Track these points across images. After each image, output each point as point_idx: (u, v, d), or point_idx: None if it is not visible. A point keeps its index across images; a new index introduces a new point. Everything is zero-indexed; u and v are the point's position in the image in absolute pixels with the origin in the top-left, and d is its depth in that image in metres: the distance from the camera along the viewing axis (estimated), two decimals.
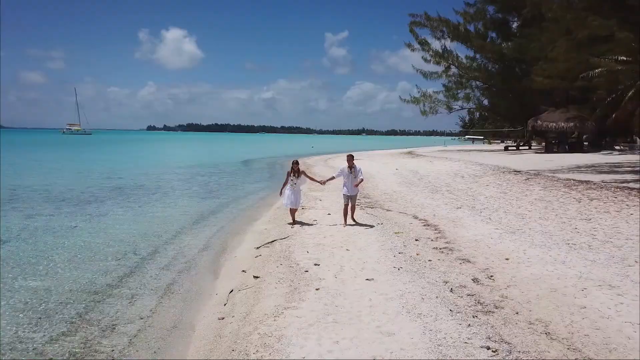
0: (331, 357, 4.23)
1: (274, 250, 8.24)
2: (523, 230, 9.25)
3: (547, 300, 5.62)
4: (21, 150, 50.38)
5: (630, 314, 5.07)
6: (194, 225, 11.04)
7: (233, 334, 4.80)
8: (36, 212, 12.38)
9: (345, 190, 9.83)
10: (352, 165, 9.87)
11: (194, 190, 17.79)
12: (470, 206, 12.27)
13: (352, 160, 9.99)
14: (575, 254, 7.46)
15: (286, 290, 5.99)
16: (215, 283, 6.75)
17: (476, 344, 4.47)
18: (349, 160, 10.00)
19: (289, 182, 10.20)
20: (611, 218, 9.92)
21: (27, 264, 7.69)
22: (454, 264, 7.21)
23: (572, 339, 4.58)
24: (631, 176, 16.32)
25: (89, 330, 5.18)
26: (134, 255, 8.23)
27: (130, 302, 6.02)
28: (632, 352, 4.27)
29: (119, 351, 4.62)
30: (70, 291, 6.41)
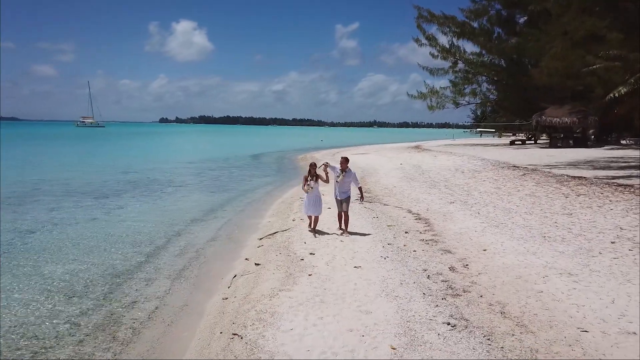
0: (315, 329, 5.08)
1: (275, 240, 9.11)
2: (506, 224, 9.97)
3: (510, 285, 6.39)
4: (39, 144, 51.96)
5: (579, 298, 5.83)
6: (204, 217, 11.96)
7: (234, 311, 5.67)
8: (59, 206, 13.40)
9: (336, 193, 9.43)
10: (344, 169, 9.42)
11: (204, 185, 18.73)
12: (463, 201, 13.00)
13: (346, 164, 9.54)
14: (548, 246, 8.19)
15: (282, 276, 6.84)
16: (221, 269, 7.63)
17: (439, 320, 5.28)
18: (342, 163, 9.53)
19: (307, 186, 9.54)
20: (591, 213, 10.58)
21: (55, 251, 8.66)
22: (436, 254, 8.00)
23: (522, 317, 5.36)
24: (623, 172, 16.87)
25: (113, 306, 6.10)
26: (150, 245, 9.16)
27: (147, 284, 6.94)
28: (570, 327, 5.04)
29: (140, 323, 5.53)
30: (95, 274, 7.35)
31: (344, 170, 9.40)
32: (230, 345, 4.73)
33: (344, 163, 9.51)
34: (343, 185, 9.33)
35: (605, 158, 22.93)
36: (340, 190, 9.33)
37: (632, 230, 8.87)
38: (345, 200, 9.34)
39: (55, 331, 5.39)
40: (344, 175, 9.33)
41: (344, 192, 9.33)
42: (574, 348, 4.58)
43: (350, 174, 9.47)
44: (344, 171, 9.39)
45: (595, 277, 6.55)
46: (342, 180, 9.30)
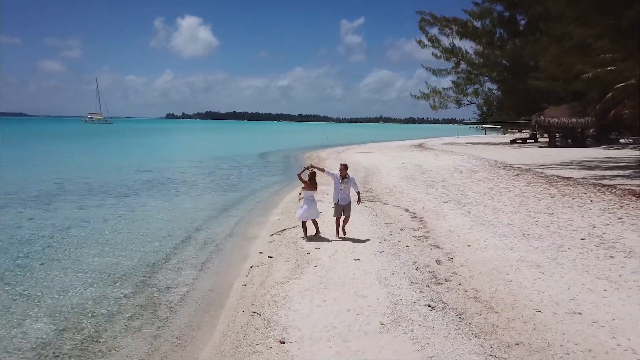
0: (319, 309, 6.24)
1: (284, 236, 10.28)
2: (492, 222, 11.07)
3: (486, 276, 7.51)
4: (53, 143, 53.48)
5: (541, 286, 6.93)
6: (219, 215, 13.15)
7: (252, 295, 6.85)
8: (85, 204, 14.64)
9: (336, 199, 9.61)
10: (344, 175, 9.61)
11: (216, 184, 19.93)
12: (456, 200, 14.09)
13: (346, 170, 9.72)
14: (525, 242, 9.28)
15: (292, 267, 8.01)
16: (239, 261, 8.81)
17: (421, 303, 6.42)
18: (342, 170, 9.68)
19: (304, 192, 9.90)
20: (571, 212, 11.65)
21: (93, 245, 9.88)
22: (426, 249, 9.12)
23: (491, 301, 6.49)
24: (611, 172, 17.89)
25: (150, 291, 7.30)
26: (174, 239, 10.35)
27: (177, 273, 8.13)
28: (528, 309, 6.15)
29: (175, 303, 6.72)
30: (131, 265, 8.55)
31: (344, 177, 9.58)
32: (251, 320, 5.90)
33: (343, 170, 9.63)
34: (345, 191, 9.53)
35: (598, 158, 23.89)
36: (342, 196, 9.50)
37: (603, 228, 9.95)
38: (347, 205, 9.60)
39: (107, 310, 6.59)
40: (345, 183, 9.52)
41: (345, 198, 9.54)
42: (527, 324, 5.70)
43: (350, 180, 9.68)
44: (344, 178, 9.58)
45: (560, 269, 7.64)
46: (344, 188, 9.50)
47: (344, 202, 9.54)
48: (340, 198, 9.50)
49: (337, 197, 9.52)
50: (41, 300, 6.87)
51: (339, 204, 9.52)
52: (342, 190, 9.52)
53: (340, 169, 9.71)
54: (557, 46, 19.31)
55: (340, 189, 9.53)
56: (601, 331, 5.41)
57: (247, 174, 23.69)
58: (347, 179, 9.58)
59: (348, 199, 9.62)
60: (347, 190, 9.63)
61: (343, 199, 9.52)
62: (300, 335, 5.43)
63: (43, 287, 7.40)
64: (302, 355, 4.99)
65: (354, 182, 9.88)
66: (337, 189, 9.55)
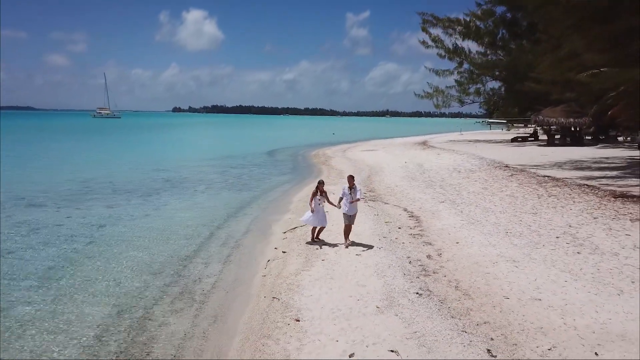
0: (326, 295, 7.61)
1: (295, 234, 11.66)
2: (481, 222, 12.37)
3: (468, 269, 8.84)
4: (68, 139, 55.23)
5: (513, 277, 8.24)
6: (235, 214, 14.56)
7: (271, 283, 8.24)
8: (113, 203, 16.10)
9: (345, 210, 10.15)
10: (352, 186, 10.20)
11: (230, 183, 21.34)
12: (452, 200, 15.39)
13: (353, 181, 10.35)
14: (507, 240, 10.59)
15: (303, 261, 9.40)
16: (257, 255, 10.20)
17: (411, 291, 7.77)
18: (349, 180, 10.35)
19: (314, 202, 10.40)
20: (553, 212, 12.92)
21: (129, 241, 11.33)
22: (419, 245, 10.46)
23: (469, 290, 7.83)
24: (599, 173, 19.06)
25: (184, 282, 8.71)
26: (198, 236, 11.77)
27: (205, 266, 9.54)
28: (498, 296, 7.48)
29: (207, 290, 8.13)
30: (165, 259, 9.98)
31: (351, 187, 10.18)
32: (271, 304, 7.30)
33: (350, 180, 10.35)
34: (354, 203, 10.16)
35: (592, 159, 24.99)
36: (351, 206, 10.13)
37: (578, 228, 11.22)
38: (354, 215, 10.27)
39: (152, 295, 8.01)
40: (353, 193, 10.12)
41: (352, 209, 10.17)
42: (495, 308, 7.03)
43: (357, 190, 10.24)
44: (352, 188, 10.17)
45: (531, 263, 8.95)
46: (352, 198, 10.08)
47: (352, 212, 10.21)
48: (349, 209, 10.15)
49: (349, 208, 10.15)
50: (96, 289, 8.30)
51: (347, 214, 10.19)
52: (352, 202, 10.12)
53: (348, 179, 10.44)
54: (552, 52, 20.44)
55: (351, 202, 10.11)
56: (554, 313, 6.75)
57: (258, 173, 25.10)
58: (354, 189, 10.21)
59: (355, 209, 10.31)
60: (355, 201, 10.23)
61: (351, 209, 10.18)
62: (312, 315, 6.82)
63: (94, 278, 8.84)
64: (313, 331, 6.37)
65: (360, 191, 10.42)
66: (347, 201, 10.15)
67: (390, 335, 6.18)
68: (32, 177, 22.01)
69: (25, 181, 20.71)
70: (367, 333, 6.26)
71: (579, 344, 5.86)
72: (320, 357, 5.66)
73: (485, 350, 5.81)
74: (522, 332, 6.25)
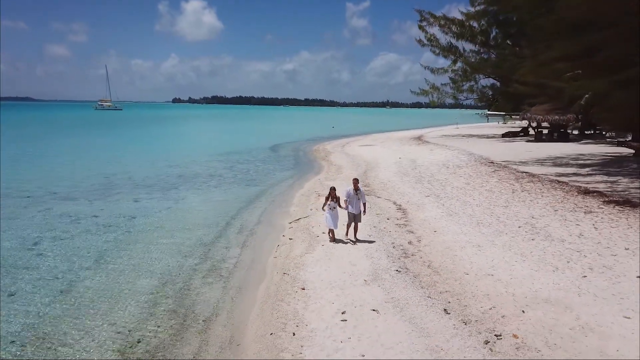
0: (325, 272, 9.69)
1: (300, 224, 13.73)
2: (458, 214, 14.41)
3: (440, 252, 10.89)
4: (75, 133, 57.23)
5: (475, 259, 10.27)
6: (247, 206, 16.62)
7: (281, 263, 10.33)
8: (138, 197, 18.16)
9: (350, 209, 11.18)
10: (357, 188, 11.19)
11: (239, 178, 23.37)
12: (436, 195, 17.42)
13: (357, 184, 11.31)
14: (477, 229, 12.63)
15: (306, 246, 11.47)
16: (268, 242, 12.28)
17: (392, 269, 9.83)
18: (354, 183, 11.30)
19: (327, 206, 11.35)
20: (522, 205, 14.94)
21: (160, 229, 13.40)
22: (403, 233, 12.52)
23: (438, 268, 9.89)
24: (574, 170, 21.07)
25: (211, 262, 10.79)
26: (217, 226, 13.84)
27: (226, 250, 11.62)
28: (460, 272, 9.54)
29: (231, 269, 10.21)
30: (192, 244, 12.05)
31: (356, 189, 11.20)
32: (282, 277, 9.39)
33: (355, 183, 11.33)
34: (357, 203, 11.22)
35: (572, 155, 26.96)
36: (355, 206, 11.21)
37: (539, 219, 13.25)
38: (358, 214, 11.34)
39: (187, 272, 10.10)
40: (358, 195, 11.20)
41: (358, 208, 11.25)
42: (456, 281, 9.09)
43: (361, 192, 11.33)
44: (357, 190, 11.19)
45: (493, 248, 11.00)
46: (358, 198, 11.21)
47: (356, 212, 11.28)
48: (354, 208, 11.22)
49: (354, 208, 11.24)
50: (141, 268, 10.39)
51: (352, 213, 11.31)
52: (356, 202, 11.22)
53: (353, 182, 11.44)
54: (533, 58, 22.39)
55: (358, 199, 11.23)
56: (500, 285, 8.81)
57: (264, 169, 27.15)
58: (359, 191, 11.26)
59: (360, 209, 11.37)
60: (359, 201, 11.31)
61: (355, 209, 11.26)
62: (314, 285, 8.91)
63: (138, 259, 10.92)
64: (315, 296, 8.46)
65: (363, 195, 11.50)
66: (353, 201, 11.20)
67: (373, 300, 8.26)
68: (57, 173, 24.05)
69: (52, 177, 22.76)
70: (355, 298, 8.34)
71: (512, 305, 7.94)
72: (320, 314, 7.74)
73: (442, 309, 7.89)
74: (473, 298, 8.33)
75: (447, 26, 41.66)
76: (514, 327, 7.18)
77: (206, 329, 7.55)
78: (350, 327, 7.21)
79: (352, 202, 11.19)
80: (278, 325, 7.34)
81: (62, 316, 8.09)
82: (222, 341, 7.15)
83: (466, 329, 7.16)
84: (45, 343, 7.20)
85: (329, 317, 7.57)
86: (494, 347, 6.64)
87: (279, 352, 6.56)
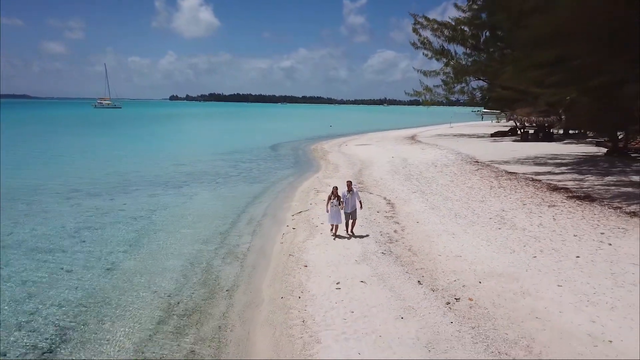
0: (323, 254, 11.72)
1: (301, 216, 15.76)
2: (439, 208, 16.45)
3: (420, 240, 12.93)
4: (80, 132, 59.08)
5: (450, 244, 12.29)
6: (253, 201, 18.64)
7: (287, 248, 12.37)
8: (154, 193, 20.14)
9: (346, 208, 12.79)
10: (350, 189, 12.81)
11: (243, 176, 25.39)
12: (422, 191, 19.47)
13: (351, 186, 12.91)
14: (453, 221, 14.68)
15: (307, 234, 13.51)
16: (275, 231, 14.32)
17: (379, 252, 11.86)
18: (348, 185, 12.88)
19: (330, 204, 12.73)
20: (496, 200, 17.00)
21: (178, 222, 15.40)
22: (390, 224, 14.56)
23: (417, 251, 11.93)
24: (549, 168, 23.15)
25: (227, 247, 12.82)
26: (228, 218, 15.86)
27: (239, 238, 13.65)
28: (435, 254, 11.59)
29: (245, 252, 12.24)
30: (209, 233, 14.06)
31: (350, 191, 12.77)
32: (289, 258, 11.44)
33: (349, 185, 12.92)
34: (351, 202, 12.76)
35: (551, 154, 29.08)
36: (349, 205, 12.80)
37: (508, 212, 15.31)
38: (353, 212, 12.87)
39: (208, 255, 12.13)
40: (351, 195, 12.77)
41: (351, 206, 12.83)
42: (430, 261, 11.13)
43: (354, 193, 12.85)
44: (350, 192, 12.77)
45: (465, 235, 13.05)
46: (350, 199, 12.75)
47: (350, 210, 12.89)
48: (349, 207, 12.84)
49: (349, 207, 12.86)
50: (168, 251, 12.41)
51: (347, 212, 12.92)
52: (350, 201, 12.81)
53: (347, 184, 13.04)
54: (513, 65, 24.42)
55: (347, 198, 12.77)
56: (465, 264, 10.86)
57: (265, 167, 29.18)
58: (352, 192, 12.82)
59: (354, 207, 12.86)
60: (353, 201, 12.84)
61: (350, 208, 12.86)
62: (314, 264, 10.95)
63: (165, 245, 12.94)
64: (315, 272, 10.49)
65: (358, 195, 13.07)
66: (348, 201, 12.78)
67: (362, 274, 10.30)
68: (74, 172, 25.99)
69: (71, 175, 24.70)
70: (348, 273, 10.39)
71: (472, 278, 9.99)
72: (319, 284, 9.79)
73: (417, 281, 9.94)
74: (442, 273, 10.38)
75: (439, 30, 43.57)
76: (470, 293, 9.24)
77: (230, 295, 9.61)
78: (343, 293, 9.26)
79: (347, 202, 12.77)
80: (287, 292, 9.39)
81: (113, 287, 10.12)
82: (244, 303, 9.20)
83: (433, 295, 9.21)
84: (104, 306, 9.22)
85: (326, 286, 9.62)
86: (452, 306, 8.70)
87: (288, 309, 8.62)
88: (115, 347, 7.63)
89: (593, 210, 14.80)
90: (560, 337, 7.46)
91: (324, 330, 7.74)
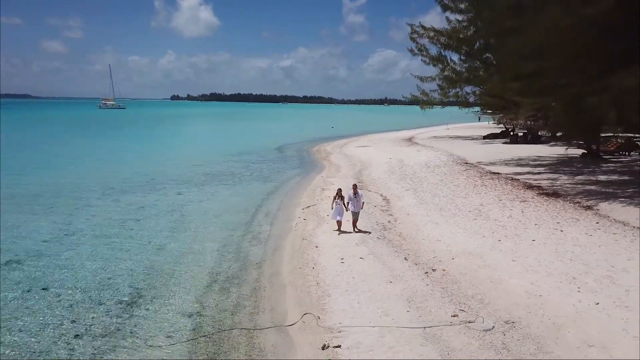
0: (329, 240, 14.53)
1: (310, 210, 18.57)
2: (428, 203, 19.22)
3: (409, 228, 15.71)
4: (91, 133, 61.99)
5: (433, 231, 15.05)
6: (267, 197, 21.46)
7: (300, 234, 15.18)
8: (180, 191, 22.95)
9: (351, 208, 14.62)
10: (356, 192, 14.60)
11: (255, 176, 28.21)
12: (414, 189, 22.25)
13: (357, 189, 14.81)
14: (438, 213, 17.44)
15: (316, 224, 16.32)
16: (289, 221, 17.11)
17: (375, 237, 14.63)
18: (354, 188, 14.74)
19: (335, 203, 14.66)
20: (476, 197, 19.77)
21: (205, 215, 18.20)
22: (385, 215, 17.35)
23: (406, 236, 14.71)
24: (530, 169, 25.92)
25: (251, 234, 15.64)
26: (248, 211, 18.66)
27: (260, 227, 16.47)
28: (420, 239, 14.39)
29: (265, 239, 15.05)
30: (233, 225, 16.86)
31: (355, 193, 14.63)
32: (302, 241, 14.27)
33: (355, 188, 14.86)
34: (356, 203, 14.69)
35: (534, 156, 31.86)
36: (355, 206, 14.71)
37: (486, 205, 18.07)
38: (357, 212, 14.81)
39: (237, 239, 14.95)
40: (357, 197, 14.62)
41: (357, 207, 14.73)
42: (416, 244, 13.93)
43: (359, 196, 14.75)
44: (356, 194, 14.63)
45: (446, 225, 15.81)
46: (357, 200, 14.64)
47: (356, 210, 14.88)
48: (354, 207, 14.82)
49: (354, 207, 14.81)
50: (205, 236, 15.23)
51: (354, 211, 14.86)
52: (356, 202, 14.75)
53: (353, 187, 15.03)
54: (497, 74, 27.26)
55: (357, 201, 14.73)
56: (443, 245, 13.63)
57: (275, 168, 32.04)
58: (357, 195, 14.77)
59: (359, 207, 14.90)
60: (358, 203, 14.81)
61: (355, 208, 14.86)
62: (323, 245, 13.77)
63: (201, 232, 15.76)
64: (324, 251, 13.30)
65: (362, 196, 15.08)
66: (353, 202, 14.74)
67: (361, 253, 13.08)
68: (102, 172, 28.83)
69: (100, 175, 27.52)
70: (350, 252, 13.19)
71: (447, 255, 12.75)
72: (328, 259, 12.60)
73: (404, 258, 12.72)
74: (424, 252, 13.16)
75: (435, 37, 46.30)
76: (445, 266, 12.03)
77: (259, 267, 12.45)
78: (346, 265, 12.08)
79: (352, 203, 14.80)
80: (303, 264, 12.23)
81: (166, 261, 12.94)
82: (271, 273, 12.04)
83: (416, 267, 12.00)
84: (163, 275, 12.03)
85: (333, 260, 12.44)
86: (429, 275, 11.47)
87: (305, 276, 11.45)
88: (180, 299, 10.44)
89: (556, 205, 17.59)
90: (506, 293, 10.24)
91: (333, 289, 10.55)
